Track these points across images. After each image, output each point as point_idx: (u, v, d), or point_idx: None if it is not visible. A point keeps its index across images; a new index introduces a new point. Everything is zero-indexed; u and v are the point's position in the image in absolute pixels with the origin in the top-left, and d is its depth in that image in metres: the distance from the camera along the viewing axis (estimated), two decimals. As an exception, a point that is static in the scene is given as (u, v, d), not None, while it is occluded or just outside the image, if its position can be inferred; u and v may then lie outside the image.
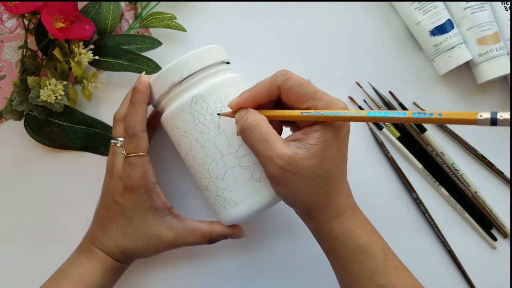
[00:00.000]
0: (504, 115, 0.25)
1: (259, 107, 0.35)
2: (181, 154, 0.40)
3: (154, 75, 0.38)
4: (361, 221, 0.35)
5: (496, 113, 0.26)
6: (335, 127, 0.33)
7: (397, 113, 0.30)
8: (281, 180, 0.33)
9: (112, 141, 0.40)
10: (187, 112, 0.37)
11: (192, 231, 0.40)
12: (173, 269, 0.46)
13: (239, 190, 0.37)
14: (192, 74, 0.37)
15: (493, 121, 0.26)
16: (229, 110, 0.36)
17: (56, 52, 0.41)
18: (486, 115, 0.26)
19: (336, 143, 0.33)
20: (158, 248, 0.40)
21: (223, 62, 0.39)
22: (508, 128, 0.47)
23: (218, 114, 0.37)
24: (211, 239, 0.41)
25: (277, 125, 0.36)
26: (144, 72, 0.40)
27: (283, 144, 0.32)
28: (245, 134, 0.34)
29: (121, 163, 0.39)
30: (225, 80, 0.38)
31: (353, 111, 0.31)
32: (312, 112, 0.32)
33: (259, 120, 0.33)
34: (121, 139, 0.40)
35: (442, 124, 0.47)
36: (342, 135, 0.33)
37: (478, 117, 0.26)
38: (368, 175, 0.47)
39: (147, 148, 0.39)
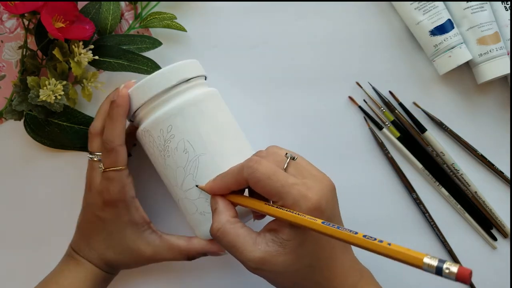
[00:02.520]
0: (451, 267, 0.23)
1: (233, 191, 0.35)
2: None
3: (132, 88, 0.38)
4: None
5: (443, 262, 0.24)
6: None
7: (349, 231, 0.28)
8: (261, 276, 0.32)
9: (89, 156, 0.40)
10: (144, 140, 0.39)
11: (169, 248, 0.40)
12: (167, 273, 0.46)
13: (190, 219, 0.39)
14: (142, 106, 0.38)
15: (438, 271, 0.24)
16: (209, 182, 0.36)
17: (56, 52, 0.41)
18: (433, 262, 0.24)
19: (311, 237, 0.31)
20: (138, 262, 0.40)
21: (174, 86, 0.37)
22: (508, 128, 0.47)
23: (197, 186, 0.36)
24: (189, 257, 0.40)
25: None
26: (122, 85, 0.39)
27: (252, 245, 0.31)
28: (216, 240, 0.33)
29: (99, 178, 0.39)
30: (169, 110, 0.37)
31: (308, 218, 0.29)
32: (275, 208, 0.31)
33: (223, 228, 0.32)
34: (99, 153, 0.40)
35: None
36: None
37: (425, 260, 0.24)
38: (368, 175, 0.47)
39: (125, 162, 0.39)
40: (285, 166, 0.33)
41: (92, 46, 0.43)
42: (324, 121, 0.47)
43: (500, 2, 0.46)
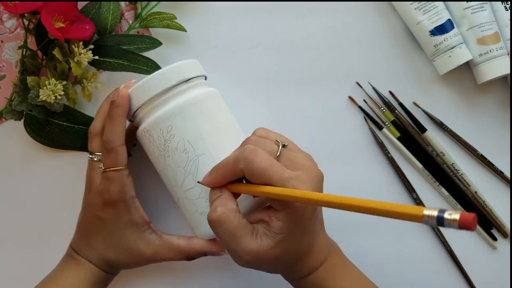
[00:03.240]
0: (452, 215, 0.22)
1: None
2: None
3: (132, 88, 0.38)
4: (332, 272, 0.35)
5: (443, 212, 0.22)
6: (298, 214, 0.32)
7: (343, 197, 0.27)
8: (249, 267, 0.34)
9: (89, 156, 0.40)
10: (144, 140, 0.39)
11: (169, 248, 0.40)
12: (167, 273, 0.46)
13: (190, 219, 0.39)
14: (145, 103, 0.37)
15: (440, 221, 0.22)
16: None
17: (56, 52, 0.41)
18: (433, 212, 0.22)
19: (300, 226, 0.32)
20: (137, 262, 0.40)
21: (176, 85, 0.37)
22: (508, 128, 0.47)
23: (198, 182, 0.35)
24: (189, 257, 0.40)
25: None
26: (122, 86, 0.39)
27: (250, 237, 0.32)
28: (212, 226, 0.33)
29: (99, 178, 0.39)
30: (169, 110, 0.37)
31: (311, 192, 0.30)
32: (284, 188, 0.31)
33: (227, 213, 0.32)
34: (99, 153, 0.40)
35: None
36: (307, 217, 0.32)
37: (424, 212, 0.23)
38: (369, 175, 0.47)
39: (125, 162, 0.39)
40: (278, 154, 0.33)
41: (92, 46, 0.43)
42: (324, 121, 0.47)
43: (500, 2, 0.45)
